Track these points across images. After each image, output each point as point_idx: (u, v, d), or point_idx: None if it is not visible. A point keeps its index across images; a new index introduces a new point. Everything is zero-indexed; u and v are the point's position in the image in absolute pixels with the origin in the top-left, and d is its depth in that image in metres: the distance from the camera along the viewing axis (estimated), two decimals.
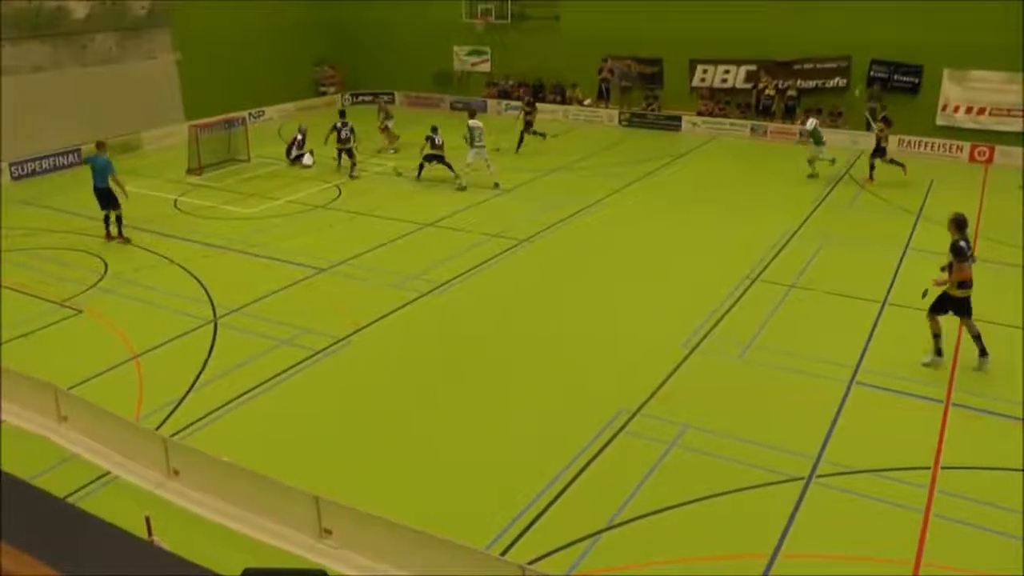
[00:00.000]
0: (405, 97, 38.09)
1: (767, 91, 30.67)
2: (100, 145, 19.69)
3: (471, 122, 23.76)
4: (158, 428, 11.26)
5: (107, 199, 19.42)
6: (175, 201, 23.12)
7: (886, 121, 24.06)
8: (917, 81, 28.27)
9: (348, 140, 25.27)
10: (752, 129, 30.70)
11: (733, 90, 31.78)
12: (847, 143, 28.63)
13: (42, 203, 22.89)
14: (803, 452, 10.76)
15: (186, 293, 16.35)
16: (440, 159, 24.06)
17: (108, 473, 10.47)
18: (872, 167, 24.31)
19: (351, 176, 24.89)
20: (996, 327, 14.27)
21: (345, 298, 16.05)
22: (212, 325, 14.91)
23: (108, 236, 19.62)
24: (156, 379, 12.94)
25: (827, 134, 29.05)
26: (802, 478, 10.24)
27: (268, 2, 34.06)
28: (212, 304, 15.78)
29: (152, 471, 10.30)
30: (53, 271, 17.63)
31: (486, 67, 36.83)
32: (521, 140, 28.31)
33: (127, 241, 19.52)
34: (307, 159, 26.80)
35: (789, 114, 30.45)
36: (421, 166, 24.36)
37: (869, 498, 9.89)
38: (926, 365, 13.14)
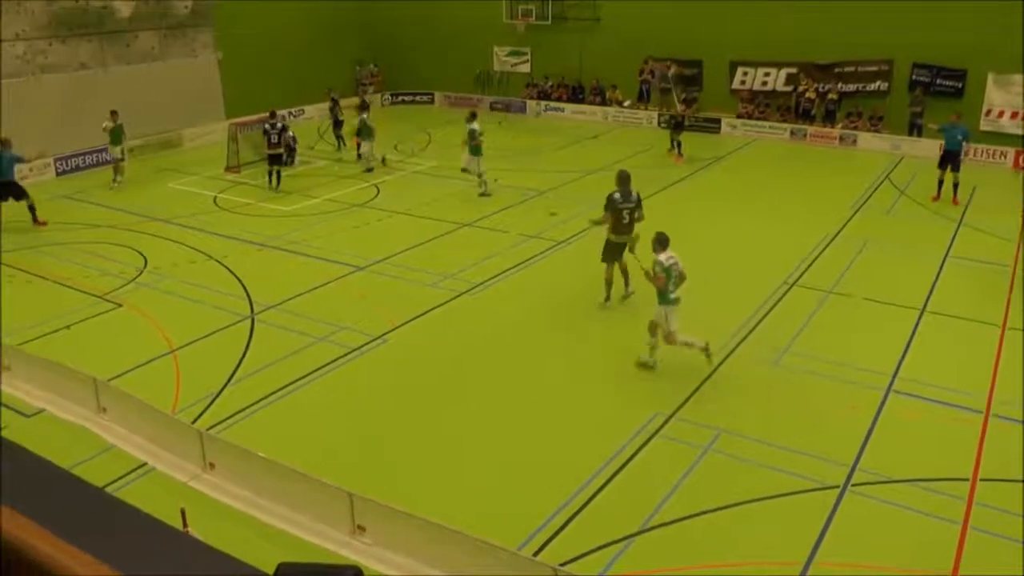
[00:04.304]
0: (445, 97, 38.19)
1: (807, 94, 30.43)
2: (5, 142, 20.27)
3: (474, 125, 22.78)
4: (194, 421, 11.37)
5: (10, 191, 20.26)
6: (215, 198, 23.35)
7: (687, 103, 28.09)
8: (960, 85, 27.87)
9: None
10: (792, 132, 30.45)
11: (773, 93, 31.56)
12: (888, 148, 28.33)
13: (84, 198, 23.19)
14: (839, 460, 10.64)
15: (224, 289, 16.51)
16: (278, 159, 24.24)
17: (145, 464, 10.59)
18: (679, 144, 27.29)
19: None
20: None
21: (382, 296, 16.12)
22: (249, 321, 15.05)
23: None
24: (193, 373, 13.08)
25: (867, 139, 28.92)
26: (837, 486, 10.13)
27: (309, 2, 34.30)
28: (249, 300, 15.92)
29: (188, 463, 10.41)
30: (94, 265, 17.89)
31: (526, 68, 36.86)
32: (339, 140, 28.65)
33: (43, 224, 20.68)
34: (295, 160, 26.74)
35: (829, 118, 30.18)
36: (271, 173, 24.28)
37: (905, 508, 9.75)
38: (603, 305, 15.20)
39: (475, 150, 22.52)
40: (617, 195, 15.17)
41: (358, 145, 25.88)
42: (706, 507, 9.72)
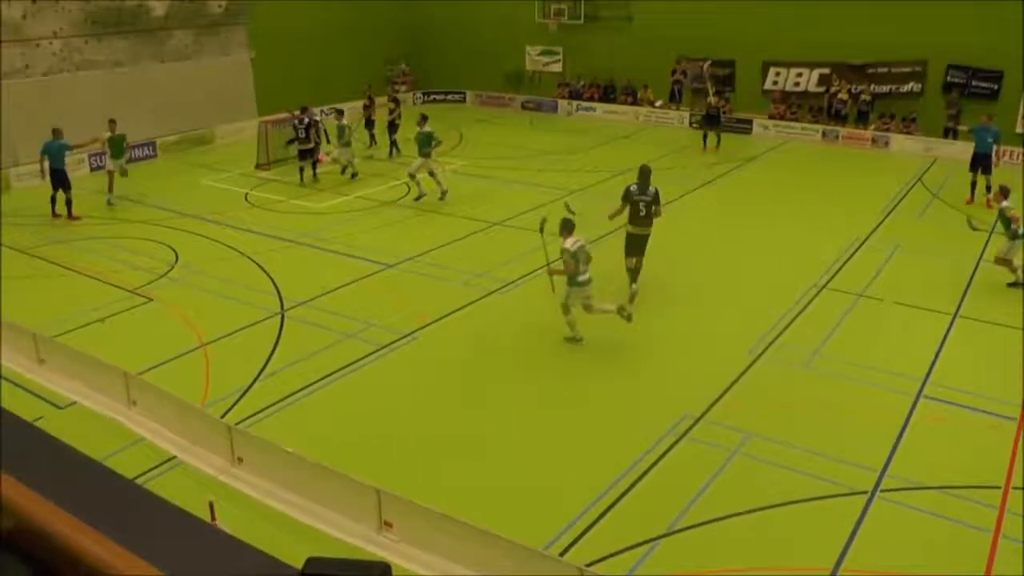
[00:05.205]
0: (476, 96, 38.23)
1: (840, 95, 30.20)
2: (56, 132, 20.81)
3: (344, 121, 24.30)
4: (223, 416, 11.46)
5: (62, 180, 20.75)
6: (246, 194, 23.52)
7: (720, 94, 29.89)
8: (997, 87, 27.53)
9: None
10: (824, 134, 30.23)
11: (806, 93, 31.34)
12: (920, 150, 28.04)
13: (117, 193, 23.40)
14: (867, 465, 10.54)
15: (254, 285, 16.62)
16: (309, 153, 24.47)
17: (174, 457, 10.69)
18: (718, 138, 28.59)
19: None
20: None
21: (411, 294, 16.17)
22: (279, 317, 15.13)
23: (54, 214, 20.92)
24: (223, 368, 13.18)
25: (900, 140, 28.65)
26: (866, 492, 10.04)
27: (342, 1, 34.42)
28: (279, 296, 16.02)
29: (217, 457, 10.49)
30: (126, 259, 18.08)
31: (558, 67, 36.82)
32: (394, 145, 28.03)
33: (77, 219, 20.95)
34: (322, 155, 25.32)
35: (862, 119, 29.93)
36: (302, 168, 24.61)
37: (935, 516, 9.65)
38: (631, 293, 15.39)
39: (427, 154, 21.83)
40: (634, 187, 15.64)
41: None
42: (733, 511, 9.67)
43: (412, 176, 22.14)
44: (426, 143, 21.78)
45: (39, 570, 1.76)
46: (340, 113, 24.97)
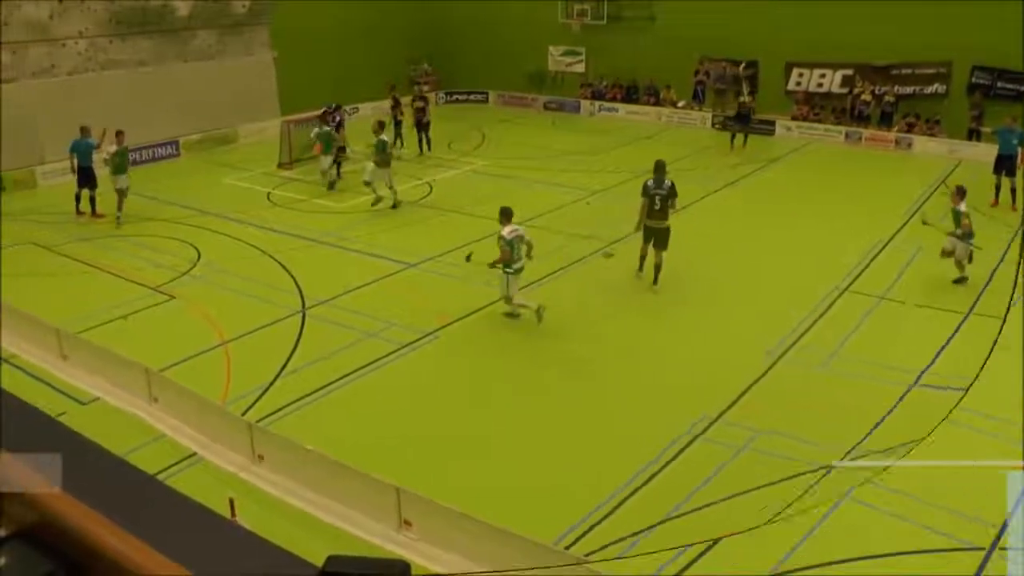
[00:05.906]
0: (499, 97, 38.20)
1: (863, 96, 29.97)
2: (84, 130, 20.89)
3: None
4: (244, 413, 11.52)
5: (89, 178, 20.80)
6: (268, 194, 23.61)
7: (751, 95, 29.62)
8: (1022, 89, 27.24)
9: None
10: (847, 135, 30.04)
11: (829, 95, 31.16)
12: (944, 152, 27.80)
13: (140, 192, 23.52)
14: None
15: (276, 283, 16.69)
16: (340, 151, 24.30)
17: (195, 454, 10.76)
18: (745, 137, 28.84)
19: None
20: None
21: (433, 294, 16.20)
22: (300, 315, 15.20)
23: (78, 212, 21.07)
24: (244, 365, 13.25)
25: (923, 142, 28.41)
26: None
27: (364, 1, 34.47)
28: (301, 295, 16.08)
29: (237, 455, 10.55)
30: (148, 257, 18.20)
31: (580, 68, 36.75)
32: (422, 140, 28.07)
33: (101, 217, 21.05)
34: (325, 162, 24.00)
35: (885, 121, 29.71)
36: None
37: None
38: (637, 276, 16.57)
39: (385, 162, 21.48)
40: (651, 182, 16.18)
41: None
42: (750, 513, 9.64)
43: (390, 188, 21.77)
44: (382, 151, 21.57)
45: (61, 564, 1.78)
46: (324, 121, 24.77)
